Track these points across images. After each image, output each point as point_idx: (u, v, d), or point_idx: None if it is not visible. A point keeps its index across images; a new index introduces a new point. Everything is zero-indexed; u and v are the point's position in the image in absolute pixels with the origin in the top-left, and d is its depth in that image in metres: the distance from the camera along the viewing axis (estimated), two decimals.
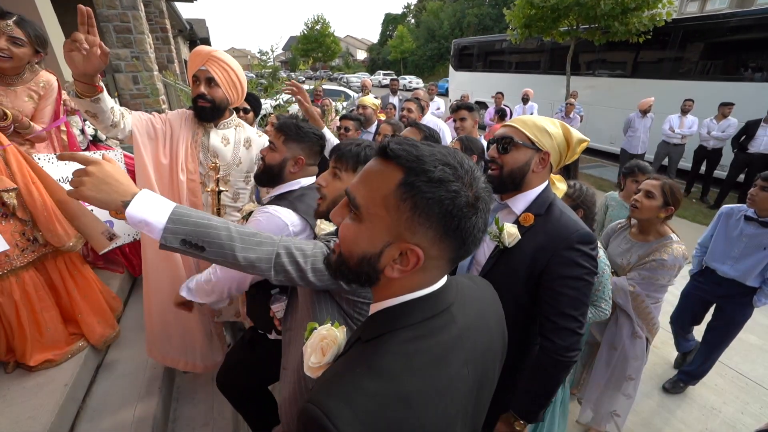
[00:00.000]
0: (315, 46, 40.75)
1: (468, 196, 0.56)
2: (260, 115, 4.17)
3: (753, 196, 2.12)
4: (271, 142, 1.48)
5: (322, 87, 7.24)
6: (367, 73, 41.38)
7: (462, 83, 14.35)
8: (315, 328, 0.78)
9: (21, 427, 1.63)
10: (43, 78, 2.13)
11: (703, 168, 6.62)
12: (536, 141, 1.21)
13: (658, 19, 7.63)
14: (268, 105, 6.89)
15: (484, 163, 2.45)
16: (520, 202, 1.26)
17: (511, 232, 1.18)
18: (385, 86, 23.50)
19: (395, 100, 6.52)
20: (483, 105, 11.38)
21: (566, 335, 1.14)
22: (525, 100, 7.96)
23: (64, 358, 1.98)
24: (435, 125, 3.70)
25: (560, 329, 1.14)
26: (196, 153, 1.83)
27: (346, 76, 36.79)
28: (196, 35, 15.25)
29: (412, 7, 53.85)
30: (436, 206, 0.55)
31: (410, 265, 0.58)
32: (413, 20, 51.96)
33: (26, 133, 2.05)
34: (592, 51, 9.37)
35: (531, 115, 7.67)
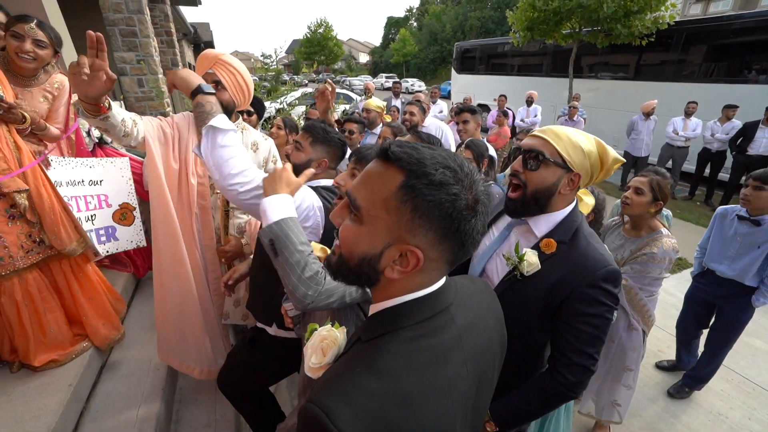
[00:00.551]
0: (318, 50, 40.94)
1: (468, 198, 0.57)
2: (263, 118, 4.19)
3: (747, 195, 2.16)
4: (297, 141, 1.52)
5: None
6: (369, 76, 41.48)
7: (464, 86, 14.37)
8: (315, 330, 0.79)
9: (24, 427, 1.64)
10: (57, 79, 2.16)
11: (708, 171, 6.59)
12: (569, 160, 1.06)
13: (661, 21, 7.62)
14: (272, 108, 6.94)
15: (489, 162, 2.45)
16: (542, 224, 1.13)
17: (531, 262, 1.07)
18: (388, 89, 23.55)
19: (398, 103, 6.54)
20: (485, 108, 11.40)
21: (579, 372, 1.06)
22: (529, 102, 7.97)
23: (69, 358, 1.99)
24: (438, 128, 3.71)
25: (574, 365, 1.06)
26: None
27: (349, 79, 36.91)
28: (200, 39, 15.37)
29: (415, 11, 54.04)
30: (436, 209, 0.56)
31: (410, 266, 0.59)
32: (416, 23, 52.14)
33: (42, 135, 2.07)
34: (595, 53, 9.36)
35: (536, 117, 7.73)
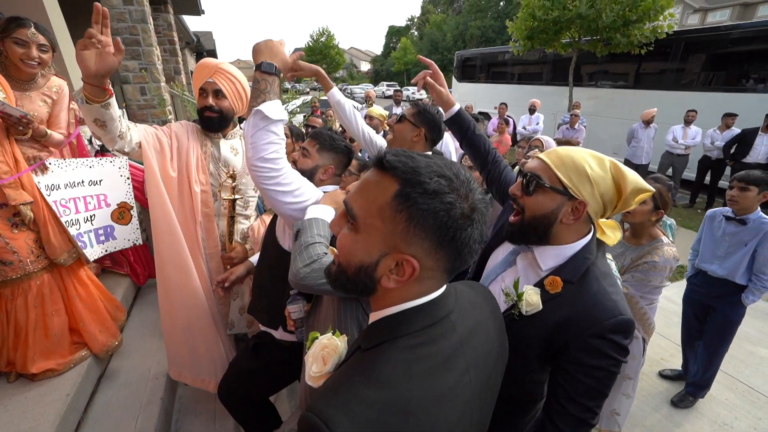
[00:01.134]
0: (320, 58, 41.28)
1: (463, 207, 0.57)
2: None
3: (733, 197, 2.25)
4: (305, 148, 1.52)
5: (323, 98, 7.31)
6: (371, 85, 41.82)
7: (465, 94, 14.46)
8: (316, 338, 0.78)
9: None
10: (55, 83, 2.16)
11: (708, 178, 6.60)
12: (570, 186, 0.94)
13: (659, 31, 7.69)
14: None
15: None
16: (549, 257, 1.00)
17: (531, 302, 0.96)
18: (389, 97, 23.73)
19: (399, 111, 6.57)
20: (486, 116, 11.46)
21: (573, 424, 0.95)
22: (532, 110, 8.03)
23: (67, 367, 1.98)
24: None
25: (568, 415, 0.95)
26: (207, 164, 1.85)
27: (350, 87, 37.19)
28: (202, 47, 15.53)
29: (416, 20, 54.61)
30: (431, 217, 0.56)
31: (406, 275, 0.59)
32: (416, 32, 52.66)
33: (45, 141, 2.08)
34: (595, 62, 9.44)
35: (538, 125, 7.75)
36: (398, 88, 11.20)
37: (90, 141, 2.88)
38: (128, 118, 4.67)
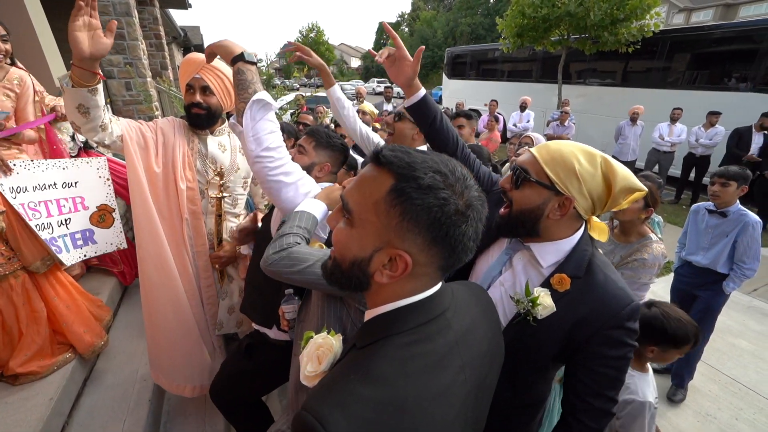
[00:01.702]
0: None
1: (458, 203, 0.57)
2: None
3: (716, 192, 2.41)
4: (301, 145, 1.51)
5: (316, 95, 7.28)
6: (361, 81, 41.62)
7: (455, 91, 14.49)
8: (311, 337, 0.77)
9: None
10: (15, 75, 2.07)
11: (693, 175, 6.72)
12: (556, 182, 0.93)
13: (646, 30, 7.81)
14: None
15: (492, 168, 2.45)
16: (548, 253, 0.99)
17: (546, 305, 0.93)
18: (379, 94, 23.64)
19: (390, 107, 6.55)
20: (476, 113, 11.51)
21: (600, 416, 0.96)
22: (523, 107, 8.08)
23: (50, 370, 1.93)
24: None
25: (595, 410, 0.96)
26: (194, 161, 1.81)
27: (341, 83, 36.88)
28: (190, 42, 15.25)
29: (406, 16, 54.48)
30: (424, 213, 0.56)
31: (399, 270, 0.59)
32: (407, 29, 52.50)
33: (16, 139, 2.00)
34: (583, 60, 9.53)
35: (528, 122, 7.80)
36: (389, 84, 11.16)
37: (73, 137, 2.80)
38: (114, 113, 4.56)
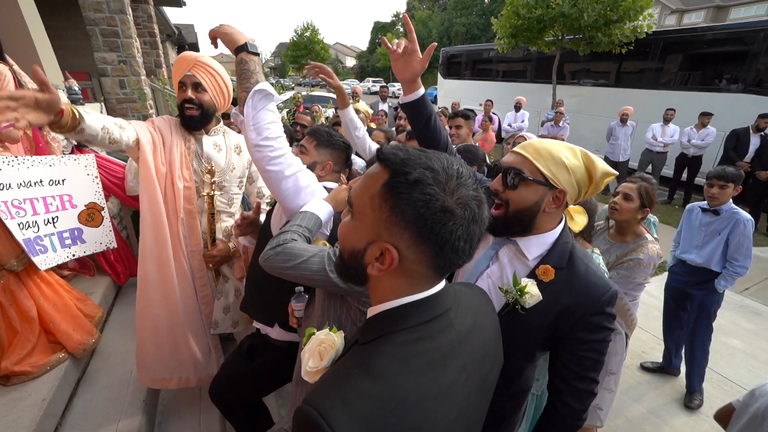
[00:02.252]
0: (304, 53, 40.74)
1: (445, 200, 0.56)
2: None
3: (714, 194, 2.41)
4: (302, 145, 1.52)
5: (311, 94, 7.25)
6: (356, 80, 41.54)
7: (450, 91, 14.52)
8: (313, 334, 0.78)
9: None
10: None
11: (685, 175, 6.79)
12: (550, 177, 0.99)
13: (639, 31, 7.88)
14: None
15: (487, 170, 2.46)
16: (533, 246, 1.05)
17: (533, 293, 0.99)
18: (375, 93, 23.64)
19: (385, 107, 6.55)
20: (472, 112, 11.51)
21: (584, 398, 1.04)
22: (517, 107, 8.11)
23: (42, 370, 1.90)
24: None
25: (580, 392, 1.03)
26: (190, 160, 1.81)
27: None
28: (184, 40, 15.13)
29: (401, 16, 54.51)
30: (410, 207, 0.56)
31: (386, 264, 0.60)
32: (402, 29, 52.54)
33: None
34: (577, 61, 9.59)
35: (523, 122, 7.84)
36: (384, 84, 11.17)
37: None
38: (107, 112, 4.52)
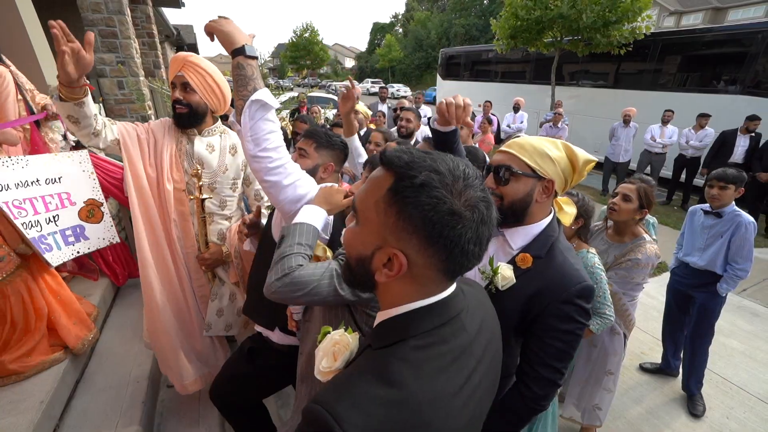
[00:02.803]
0: (303, 54, 40.81)
1: (452, 203, 0.55)
2: None
3: (715, 195, 2.39)
4: (302, 148, 1.50)
5: (309, 95, 7.25)
6: (355, 81, 41.49)
7: (449, 92, 14.49)
8: (329, 332, 0.78)
9: None
10: None
11: (683, 176, 6.80)
12: (537, 169, 1.08)
13: (637, 32, 7.90)
14: None
15: (486, 170, 2.48)
16: (518, 237, 1.13)
17: (505, 275, 1.06)
18: (374, 94, 23.67)
19: (384, 108, 6.55)
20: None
21: (546, 385, 1.08)
22: (516, 108, 8.12)
23: (39, 369, 1.89)
24: (427, 134, 3.74)
25: (541, 378, 1.08)
26: (181, 161, 1.81)
27: (335, 83, 36.91)
28: (183, 41, 15.11)
29: (400, 17, 54.52)
30: (417, 211, 0.55)
31: (395, 270, 0.59)
32: (401, 29, 52.59)
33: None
34: (576, 62, 9.61)
35: (521, 123, 7.86)
36: (383, 85, 11.18)
37: (65, 137, 2.76)
38: (105, 112, 4.50)
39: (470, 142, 3.11)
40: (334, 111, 7.78)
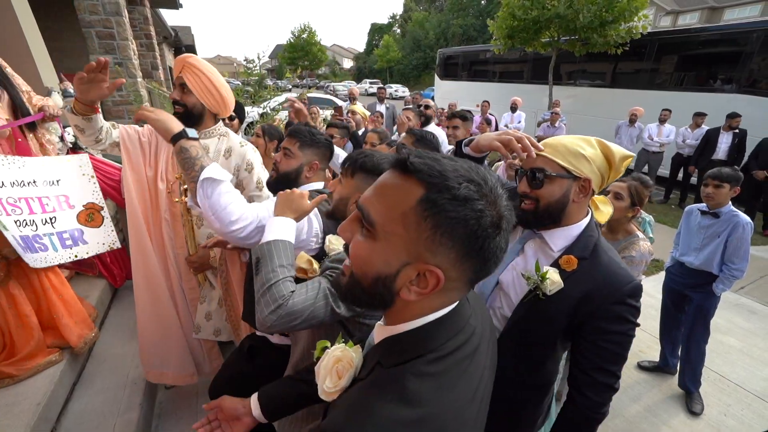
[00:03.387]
0: (301, 55, 40.76)
1: (492, 215, 0.53)
2: (247, 123, 4.11)
3: (710, 194, 2.39)
4: (286, 148, 1.49)
5: (308, 96, 7.25)
6: (353, 82, 41.60)
7: (447, 92, 14.54)
8: (326, 347, 0.73)
9: None
10: None
11: (681, 175, 6.83)
12: (572, 169, 1.05)
13: (634, 31, 7.92)
14: (255, 113, 6.85)
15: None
16: (558, 238, 1.09)
17: (554, 280, 1.02)
18: (372, 94, 23.68)
19: (382, 108, 6.55)
20: (469, 113, 11.55)
21: (603, 391, 1.03)
22: (513, 108, 8.13)
23: (34, 370, 1.89)
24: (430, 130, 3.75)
25: (598, 384, 1.03)
26: (175, 162, 1.82)
27: (333, 84, 36.89)
28: (181, 42, 15.12)
29: (398, 17, 54.58)
30: (460, 226, 0.52)
31: (429, 287, 0.54)
32: (399, 30, 52.64)
33: None
34: (573, 61, 9.64)
35: (519, 123, 7.87)
36: (381, 85, 11.18)
37: (62, 138, 2.75)
38: (103, 113, 4.50)
39: None
40: (330, 111, 7.79)
